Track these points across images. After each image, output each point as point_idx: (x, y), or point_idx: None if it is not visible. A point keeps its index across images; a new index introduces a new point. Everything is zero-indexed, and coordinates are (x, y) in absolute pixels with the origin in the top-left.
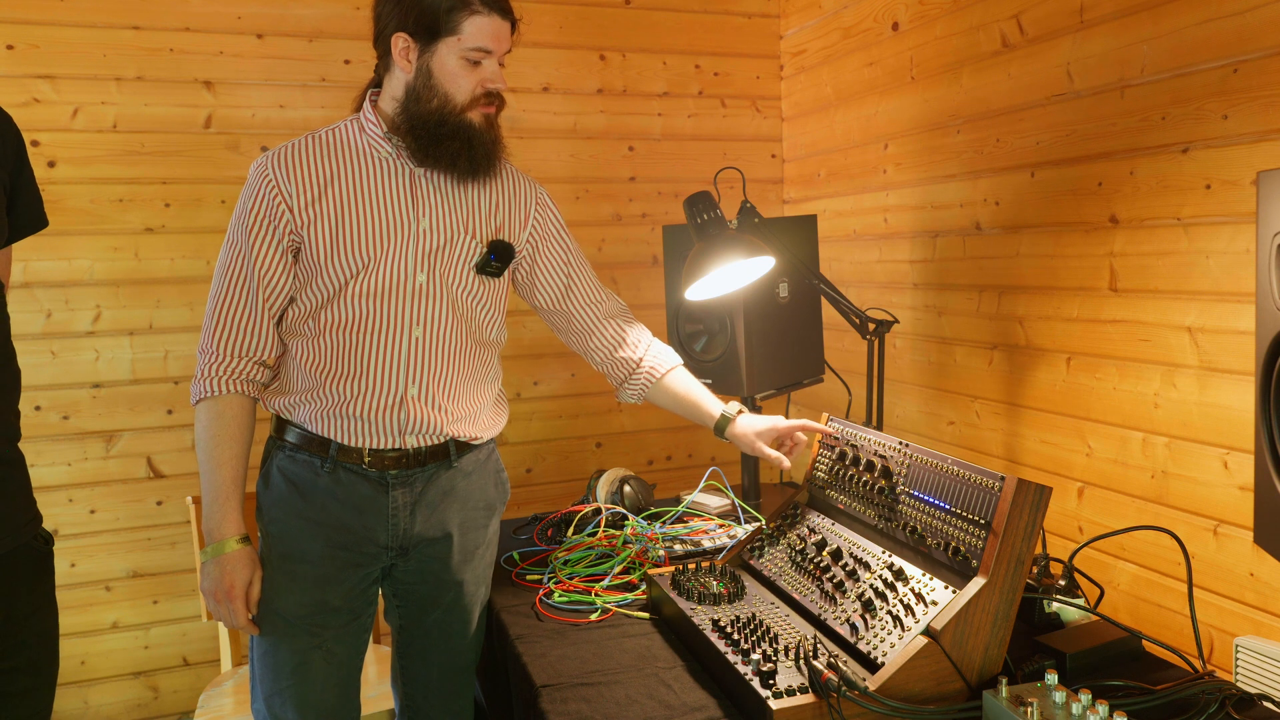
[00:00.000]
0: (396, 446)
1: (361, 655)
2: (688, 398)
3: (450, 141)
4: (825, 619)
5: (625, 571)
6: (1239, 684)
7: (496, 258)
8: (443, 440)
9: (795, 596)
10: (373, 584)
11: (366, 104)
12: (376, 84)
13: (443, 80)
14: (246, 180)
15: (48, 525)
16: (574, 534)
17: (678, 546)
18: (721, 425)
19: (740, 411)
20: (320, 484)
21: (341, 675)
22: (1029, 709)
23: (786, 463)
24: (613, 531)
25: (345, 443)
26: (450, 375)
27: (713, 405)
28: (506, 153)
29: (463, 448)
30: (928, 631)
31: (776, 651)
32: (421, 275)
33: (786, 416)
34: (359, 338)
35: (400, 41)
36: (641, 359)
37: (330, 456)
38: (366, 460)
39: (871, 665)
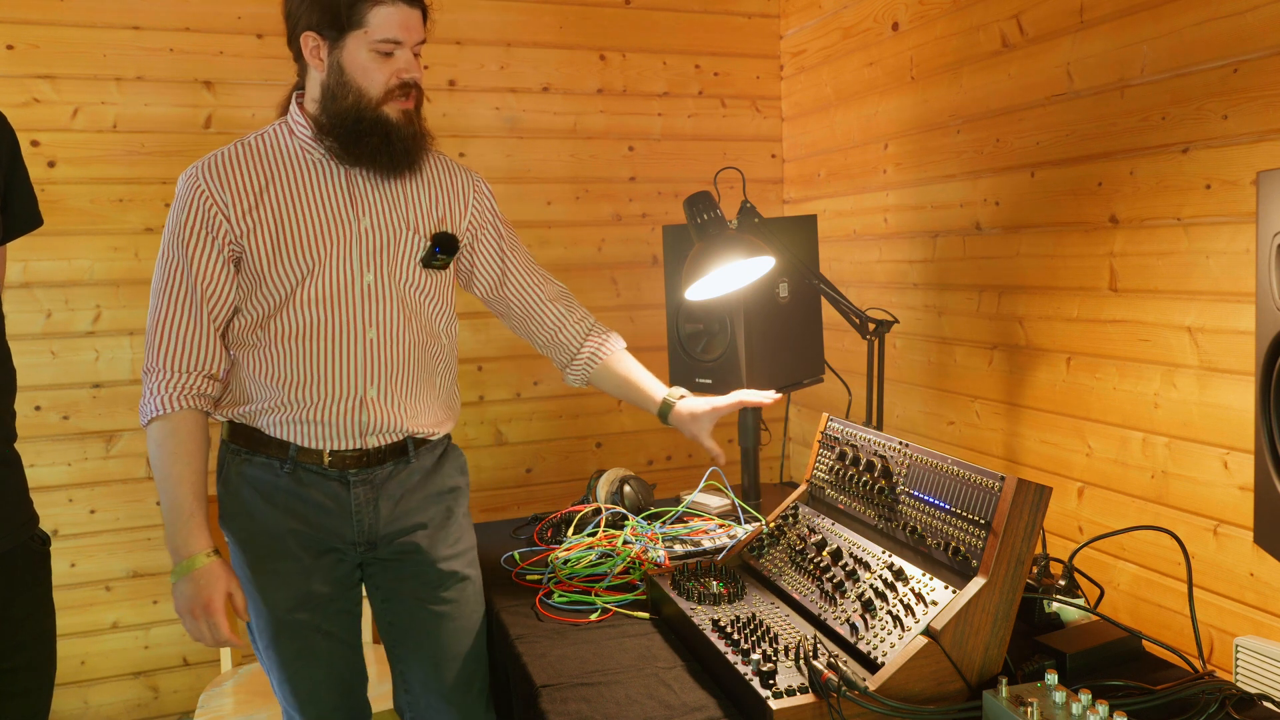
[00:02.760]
0: (357, 447)
1: (358, 635)
2: (629, 379)
3: (369, 137)
4: (825, 619)
5: (625, 571)
6: (1239, 684)
7: (441, 250)
8: (402, 438)
9: (795, 596)
10: (353, 569)
11: (294, 106)
12: (301, 85)
13: (355, 75)
14: (176, 193)
15: (47, 525)
16: (574, 534)
17: (678, 546)
18: (664, 411)
19: (683, 396)
20: (281, 484)
21: (344, 650)
22: (1029, 709)
23: (722, 458)
24: (613, 531)
25: (305, 445)
26: (407, 373)
27: (655, 389)
28: (434, 144)
29: (421, 443)
30: (928, 631)
31: (776, 651)
32: (369, 275)
33: (786, 417)
34: (312, 345)
35: (310, 40)
36: (584, 341)
37: (290, 458)
38: (326, 460)
39: (871, 665)
